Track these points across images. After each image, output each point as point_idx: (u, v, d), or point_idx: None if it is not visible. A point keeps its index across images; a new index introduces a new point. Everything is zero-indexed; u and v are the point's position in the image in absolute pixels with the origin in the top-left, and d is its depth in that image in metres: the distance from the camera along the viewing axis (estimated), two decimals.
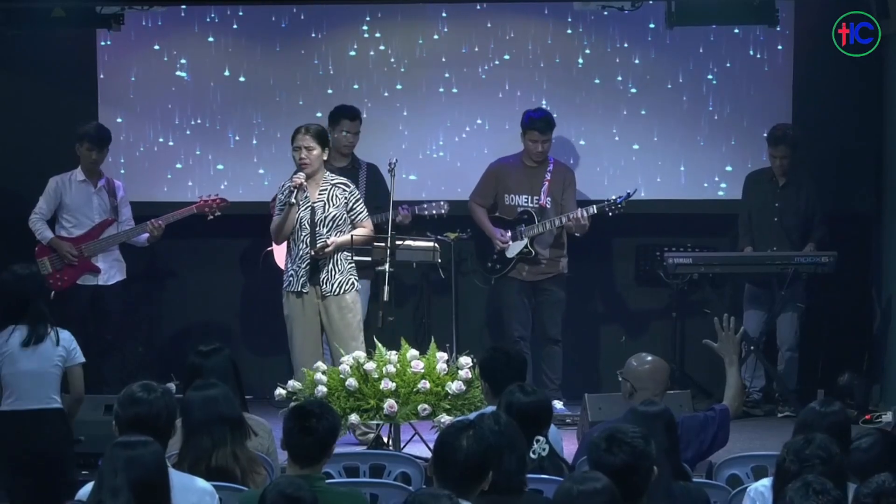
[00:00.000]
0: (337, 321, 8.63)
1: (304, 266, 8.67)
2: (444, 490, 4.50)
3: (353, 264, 8.70)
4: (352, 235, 8.62)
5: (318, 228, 8.63)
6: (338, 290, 8.65)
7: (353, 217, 8.72)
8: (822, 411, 5.51)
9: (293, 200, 8.60)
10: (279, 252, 9.93)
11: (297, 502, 4.50)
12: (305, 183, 8.62)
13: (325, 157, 8.75)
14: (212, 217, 9.95)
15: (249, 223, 10.13)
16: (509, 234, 9.87)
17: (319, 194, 8.70)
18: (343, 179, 8.84)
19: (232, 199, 10.13)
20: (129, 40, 10.52)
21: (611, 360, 10.47)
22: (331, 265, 8.64)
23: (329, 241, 8.58)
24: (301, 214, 8.66)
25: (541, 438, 5.58)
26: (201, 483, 5.17)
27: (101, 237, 9.85)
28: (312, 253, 8.57)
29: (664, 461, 4.99)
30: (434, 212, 9.74)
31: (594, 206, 9.69)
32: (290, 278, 8.73)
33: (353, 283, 8.69)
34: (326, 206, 8.67)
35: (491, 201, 9.99)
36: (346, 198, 8.71)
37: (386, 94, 10.58)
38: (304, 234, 8.67)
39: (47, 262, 9.79)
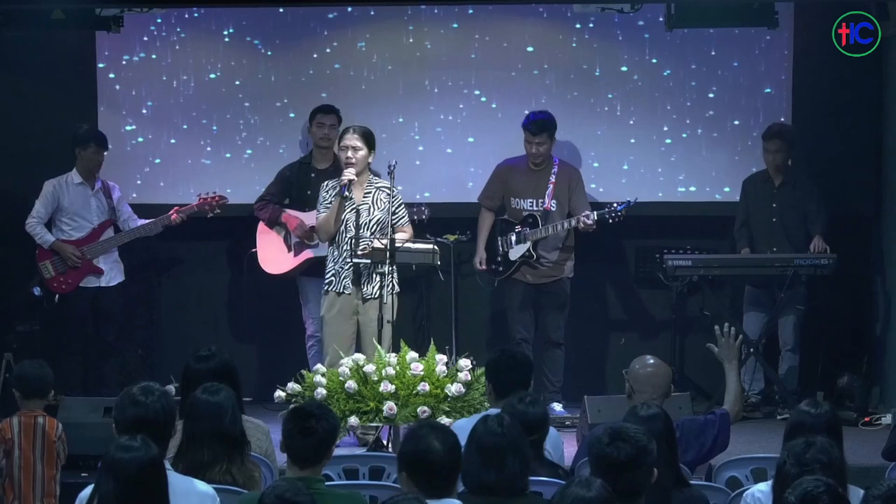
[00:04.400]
0: (374, 324, 8.64)
1: (346, 267, 8.69)
2: (414, 494, 4.53)
3: (393, 268, 8.71)
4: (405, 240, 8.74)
5: (362, 231, 8.66)
6: (378, 292, 8.65)
7: (394, 220, 8.75)
8: (812, 412, 5.51)
9: (346, 193, 8.63)
10: (263, 255, 9.94)
11: None
12: (355, 179, 8.65)
13: (370, 160, 8.78)
14: (212, 215, 9.99)
15: (248, 224, 10.13)
16: (512, 235, 9.83)
17: (364, 196, 8.77)
18: (386, 183, 8.87)
19: (233, 201, 10.14)
20: (129, 42, 10.52)
21: (610, 362, 10.49)
22: (374, 268, 8.66)
23: (373, 245, 8.60)
24: (346, 216, 8.70)
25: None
26: (202, 486, 5.16)
27: (100, 239, 9.86)
28: (360, 253, 8.61)
29: (664, 470, 4.98)
30: (415, 217, 9.72)
31: (595, 213, 9.67)
32: (332, 278, 8.77)
33: (393, 286, 8.70)
34: (371, 210, 8.74)
35: (498, 202, 9.99)
36: (389, 201, 8.73)
37: (385, 97, 10.56)
38: (348, 235, 8.72)
39: (49, 266, 9.80)
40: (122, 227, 9.95)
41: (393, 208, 8.78)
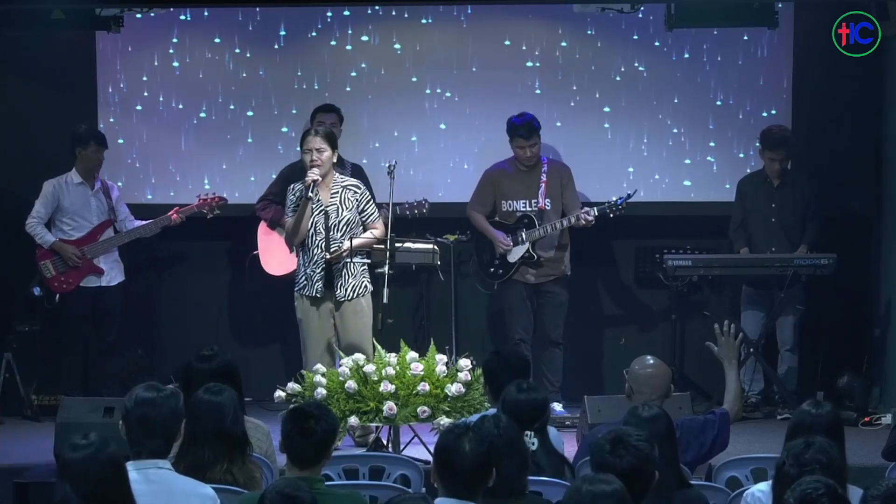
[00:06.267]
0: (351, 326, 8.64)
1: (318, 271, 8.68)
2: (420, 493, 4.51)
3: (365, 267, 8.70)
4: (382, 237, 8.67)
5: (332, 233, 8.64)
6: (352, 294, 8.66)
7: (364, 218, 8.72)
8: (813, 412, 5.52)
9: (310, 195, 8.59)
10: (265, 256, 9.95)
11: (295, 502, 4.49)
12: (320, 179, 8.63)
13: (334, 160, 8.77)
14: (211, 216, 9.99)
15: (249, 225, 10.14)
16: (509, 237, 9.86)
17: (331, 197, 8.72)
18: (353, 181, 8.86)
19: (231, 201, 10.15)
20: (128, 42, 10.52)
21: (610, 362, 10.49)
22: (345, 270, 8.65)
23: (344, 247, 8.59)
24: (315, 219, 8.67)
25: (528, 433, 5.62)
26: (203, 488, 5.14)
27: (100, 239, 9.86)
28: (328, 256, 8.58)
29: (665, 471, 4.99)
30: (416, 211, 9.73)
31: (595, 208, 9.69)
32: (305, 282, 8.72)
33: (366, 287, 8.69)
34: (340, 210, 8.69)
35: (489, 208, 9.99)
36: (357, 199, 8.72)
37: (383, 97, 10.57)
38: (318, 238, 8.67)
39: (49, 266, 9.80)
40: (120, 228, 9.94)
41: (361, 206, 8.74)
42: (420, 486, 6.29)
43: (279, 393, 8.04)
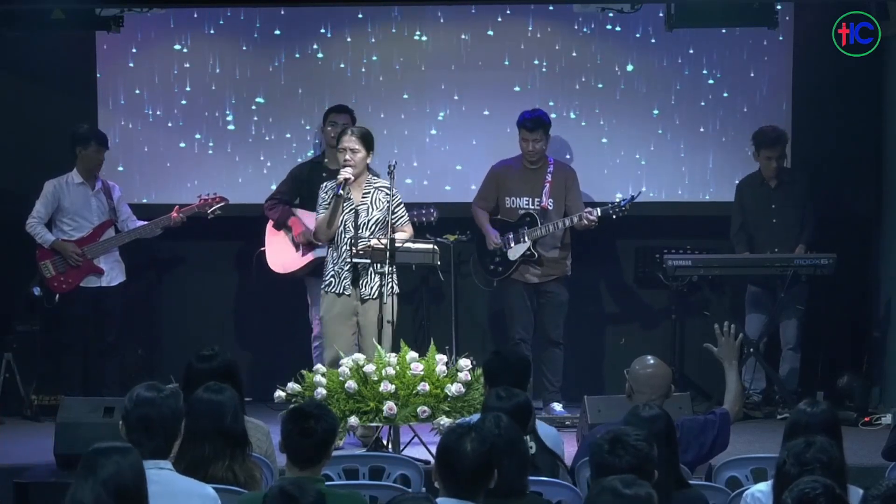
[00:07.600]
0: (374, 324, 8.65)
1: (346, 268, 8.70)
2: (423, 493, 4.52)
3: (393, 268, 8.72)
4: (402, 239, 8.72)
5: (360, 231, 8.66)
6: (377, 293, 8.67)
7: (393, 221, 8.74)
8: (810, 411, 5.53)
9: (342, 192, 8.64)
10: (271, 253, 9.95)
11: (293, 500, 4.48)
12: (352, 178, 8.65)
13: (369, 161, 8.79)
14: (211, 216, 9.99)
15: (248, 225, 10.14)
16: (510, 235, 9.85)
17: (363, 197, 8.77)
18: (385, 183, 8.87)
19: (231, 201, 10.14)
20: (129, 43, 10.52)
21: (610, 362, 10.49)
22: (371, 268, 8.67)
23: (371, 244, 8.60)
24: (345, 217, 8.71)
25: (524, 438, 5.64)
26: (204, 488, 5.14)
27: (101, 239, 9.86)
28: (356, 251, 8.61)
29: (664, 470, 5.00)
30: (424, 219, 9.72)
31: (598, 209, 9.70)
32: (332, 279, 8.78)
33: (392, 287, 8.70)
34: (370, 210, 8.74)
35: (493, 204, 10.00)
36: (388, 201, 8.74)
37: (386, 98, 10.57)
38: (347, 236, 8.72)
39: (49, 266, 9.81)
40: (122, 228, 9.95)
41: (392, 208, 8.79)
42: (420, 486, 6.30)
43: (279, 393, 8.04)
